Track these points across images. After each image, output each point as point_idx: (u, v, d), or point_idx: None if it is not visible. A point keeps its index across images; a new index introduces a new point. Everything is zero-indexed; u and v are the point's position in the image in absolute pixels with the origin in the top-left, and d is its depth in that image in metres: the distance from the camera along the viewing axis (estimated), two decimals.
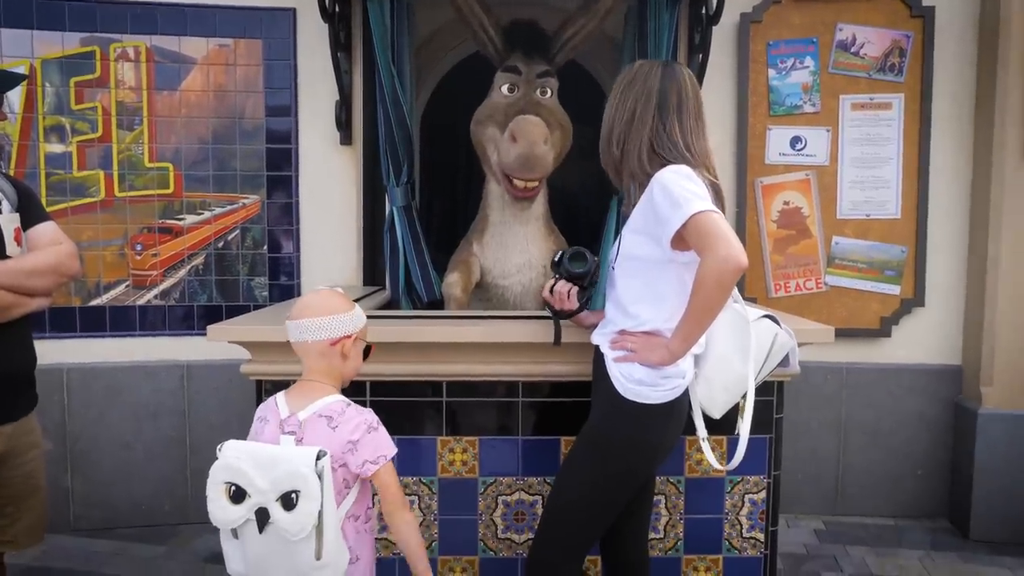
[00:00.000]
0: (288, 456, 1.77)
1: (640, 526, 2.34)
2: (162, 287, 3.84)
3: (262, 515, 1.75)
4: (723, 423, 2.23)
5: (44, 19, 3.67)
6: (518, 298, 3.59)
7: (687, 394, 2.11)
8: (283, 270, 3.90)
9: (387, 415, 2.00)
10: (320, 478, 1.74)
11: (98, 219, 3.77)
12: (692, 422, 2.18)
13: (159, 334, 3.86)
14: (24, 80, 3.61)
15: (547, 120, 3.30)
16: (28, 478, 2.33)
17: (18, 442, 2.28)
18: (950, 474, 3.96)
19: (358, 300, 2.83)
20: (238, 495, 1.77)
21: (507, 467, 2.61)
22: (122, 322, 3.83)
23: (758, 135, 3.94)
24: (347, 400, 1.93)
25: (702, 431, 2.18)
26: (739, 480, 2.62)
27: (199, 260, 3.85)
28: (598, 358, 2.16)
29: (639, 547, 2.33)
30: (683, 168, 1.97)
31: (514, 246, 3.56)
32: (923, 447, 3.98)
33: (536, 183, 3.37)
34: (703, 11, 3.57)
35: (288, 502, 1.73)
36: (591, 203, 4.47)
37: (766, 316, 2.17)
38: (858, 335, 3.94)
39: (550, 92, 3.52)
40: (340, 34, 3.61)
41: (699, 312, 1.91)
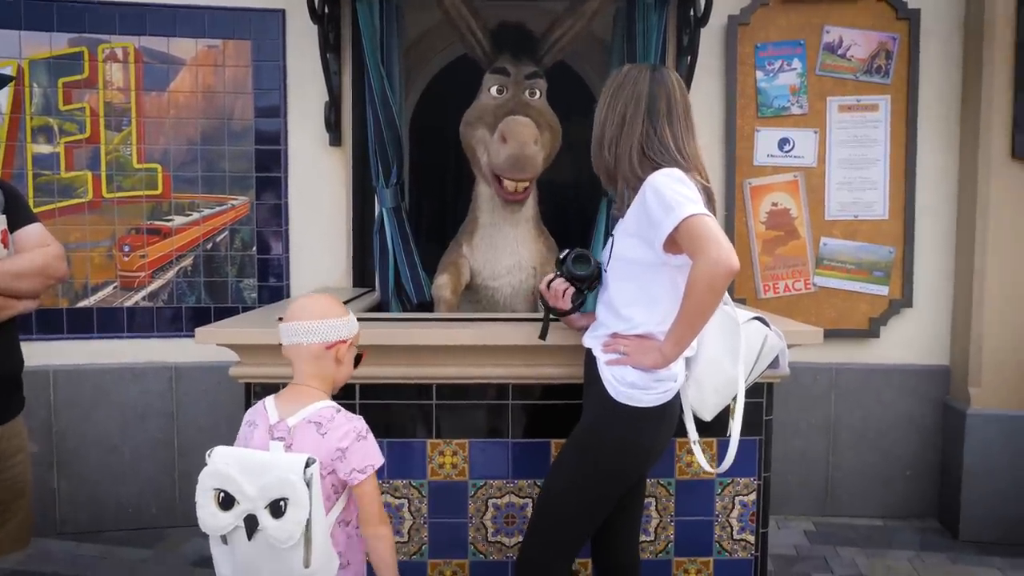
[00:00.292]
0: (277, 463, 1.76)
1: (631, 528, 2.34)
2: (150, 289, 3.82)
3: (251, 522, 1.73)
4: (713, 425, 2.23)
5: (32, 19, 3.65)
6: (508, 299, 3.58)
7: (679, 397, 2.12)
8: (272, 272, 3.89)
9: (377, 418, 1.99)
10: (309, 486, 1.72)
11: (86, 220, 3.75)
12: (683, 424, 2.18)
13: (147, 336, 3.83)
14: (12, 81, 3.59)
15: (537, 121, 3.30)
16: (15, 482, 2.31)
17: (6, 445, 2.26)
18: (939, 475, 3.98)
19: (347, 302, 2.83)
20: (227, 502, 1.75)
21: (497, 470, 2.60)
22: (110, 324, 3.80)
23: (746, 137, 3.95)
24: (337, 406, 1.92)
25: (693, 434, 2.18)
26: (729, 482, 2.62)
27: (187, 261, 3.84)
28: (590, 361, 2.15)
29: (630, 550, 2.33)
30: (675, 171, 1.97)
31: (504, 248, 3.55)
32: (912, 448, 4.00)
33: (526, 185, 3.37)
34: (691, 13, 3.58)
35: (277, 510, 1.71)
36: (581, 204, 4.47)
37: (756, 318, 2.18)
38: (847, 336, 3.96)
39: (539, 93, 3.52)
40: (329, 35, 3.61)
41: (691, 315, 1.91)
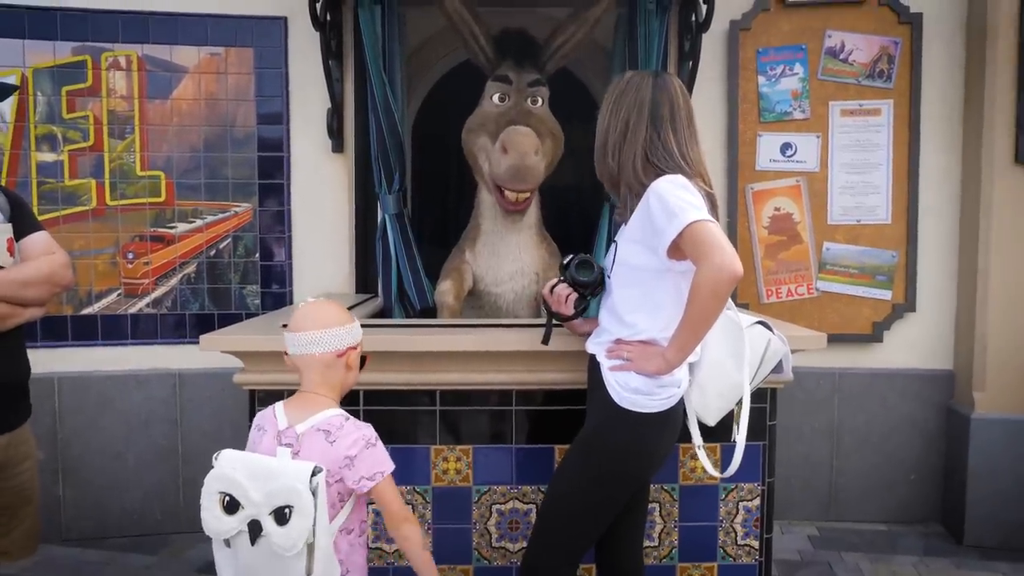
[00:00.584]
0: (283, 470, 1.76)
1: (635, 534, 2.33)
2: (154, 295, 3.83)
3: (254, 528, 1.74)
4: (716, 430, 2.23)
5: (36, 28, 3.66)
6: (511, 305, 3.58)
7: (683, 402, 2.12)
8: (275, 278, 3.90)
9: (380, 424, 1.99)
10: (314, 495, 1.72)
11: (90, 228, 3.76)
12: (687, 430, 2.18)
13: (151, 343, 3.84)
14: (16, 90, 3.60)
15: (538, 129, 3.30)
16: (22, 489, 2.32)
17: (13, 452, 2.27)
18: (943, 479, 3.97)
19: (351, 308, 2.83)
20: (232, 506, 1.76)
21: (501, 476, 2.60)
22: (114, 331, 3.81)
23: (748, 142, 3.95)
24: (346, 414, 1.92)
25: (697, 439, 2.19)
26: (733, 487, 2.62)
27: (191, 268, 3.84)
28: (593, 367, 2.15)
29: (634, 555, 2.33)
30: (678, 178, 1.98)
31: (506, 254, 3.55)
32: (916, 452, 3.99)
33: (527, 196, 3.37)
34: (693, 19, 3.59)
35: (281, 517, 1.71)
36: (583, 210, 4.48)
37: (759, 322, 2.18)
38: (850, 340, 3.95)
39: (541, 101, 3.52)
40: (331, 42, 3.61)
41: (695, 321, 1.92)
